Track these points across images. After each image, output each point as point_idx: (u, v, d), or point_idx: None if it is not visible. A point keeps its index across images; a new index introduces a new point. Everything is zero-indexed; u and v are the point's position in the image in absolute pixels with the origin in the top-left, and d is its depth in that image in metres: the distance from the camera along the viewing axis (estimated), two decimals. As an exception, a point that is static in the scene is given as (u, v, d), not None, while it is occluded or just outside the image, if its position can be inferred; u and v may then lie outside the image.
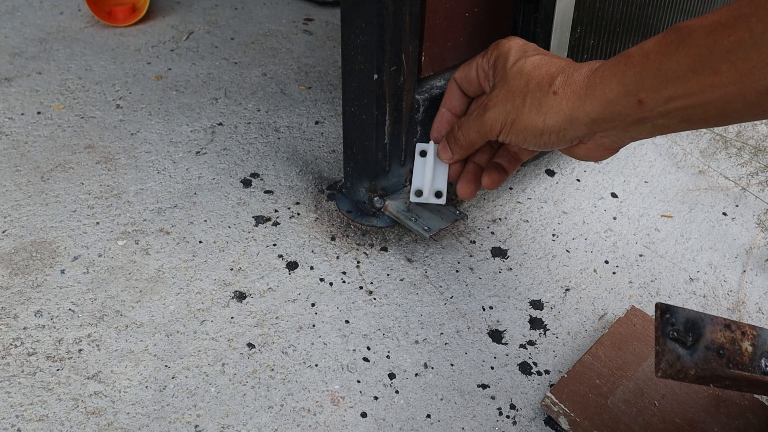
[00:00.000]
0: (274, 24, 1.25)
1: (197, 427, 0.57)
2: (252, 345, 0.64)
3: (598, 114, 0.50)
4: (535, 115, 0.53)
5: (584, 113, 0.50)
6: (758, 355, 0.48)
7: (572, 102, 0.51)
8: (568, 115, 0.51)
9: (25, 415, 0.56)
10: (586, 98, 0.50)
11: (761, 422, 0.57)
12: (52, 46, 1.11)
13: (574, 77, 0.51)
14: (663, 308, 0.47)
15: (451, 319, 0.68)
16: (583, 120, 0.51)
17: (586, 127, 0.51)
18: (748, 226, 0.83)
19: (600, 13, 0.72)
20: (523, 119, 0.54)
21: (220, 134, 0.92)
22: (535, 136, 0.54)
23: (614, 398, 0.58)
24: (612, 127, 0.50)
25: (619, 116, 0.49)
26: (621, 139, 0.51)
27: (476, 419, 0.59)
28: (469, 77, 0.64)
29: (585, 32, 0.72)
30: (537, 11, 0.68)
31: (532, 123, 0.54)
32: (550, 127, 0.53)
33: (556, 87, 0.52)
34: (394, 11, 0.63)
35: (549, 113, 0.52)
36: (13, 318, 0.64)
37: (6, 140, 0.89)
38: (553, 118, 0.52)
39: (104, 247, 0.73)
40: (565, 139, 0.53)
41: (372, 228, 0.78)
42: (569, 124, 0.52)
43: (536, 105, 0.53)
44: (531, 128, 0.54)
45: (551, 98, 0.52)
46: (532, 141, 0.55)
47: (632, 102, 0.47)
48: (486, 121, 0.58)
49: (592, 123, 0.50)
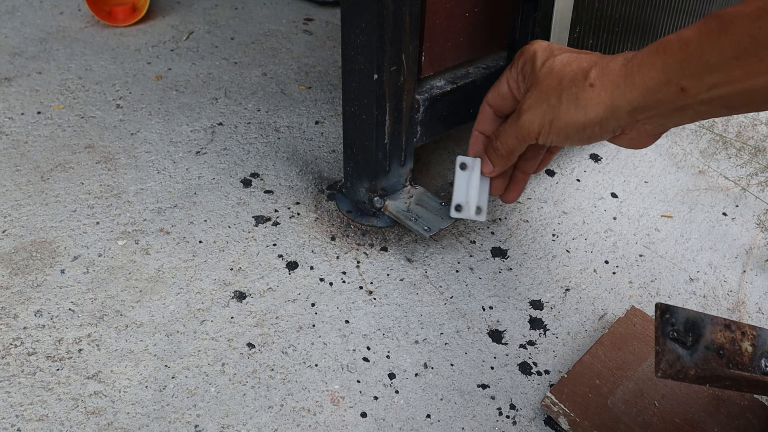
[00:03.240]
0: (274, 24, 1.25)
1: (197, 427, 0.57)
2: (252, 345, 0.64)
3: (639, 102, 0.49)
4: (575, 110, 0.53)
5: (625, 102, 0.50)
6: (758, 355, 0.48)
7: (611, 92, 0.50)
8: (609, 105, 0.51)
9: (25, 414, 0.56)
10: (626, 87, 0.50)
11: (761, 422, 0.57)
12: (52, 46, 1.11)
13: (610, 67, 0.51)
14: (663, 308, 0.47)
15: (451, 319, 0.68)
16: (624, 108, 0.50)
17: (628, 115, 0.50)
18: (748, 226, 0.83)
19: (599, 13, 0.72)
20: (563, 117, 0.54)
21: (220, 134, 0.92)
22: (577, 131, 0.53)
23: (614, 398, 0.58)
24: (654, 114, 0.49)
25: (660, 104, 0.48)
26: (663, 125, 0.51)
27: (476, 419, 0.59)
28: (501, 93, 0.63)
29: (584, 32, 0.72)
30: (536, 10, 0.68)
31: (573, 119, 0.53)
32: (592, 120, 0.52)
33: (592, 79, 0.52)
34: (394, 11, 0.63)
35: (589, 106, 0.52)
36: (13, 318, 0.64)
37: (6, 140, 0.89)
38: (593, 111, 0.52)
39: (104, 247, 0.73)
40: (608, 130, 0.52)
41: (372, 228, 0.78)
42: (611, 114, 0.51)
43: (574, 100, 0.52)
44: (573, 124, 0.53)
45: (589, 91, 0.52)
46: (575, 137, 0.54)
47: (674, 90, 0.47)
48: (522, 125, 0.57)
49: (634, 111, 0.50)
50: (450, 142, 0.93)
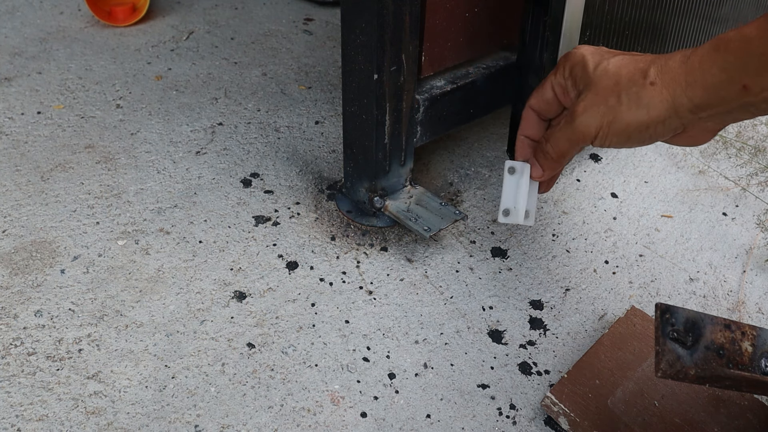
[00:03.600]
0: (274, 24, 1.25)
1: (197, 427, 0.57)
2: (252, 345, 0.64)
3: (701, 100, 0.49)
4: (636, 110, 0.52)
5: (687, 99, 0.49)
6: (758, 355, 0.48)
7: (673, 89, 0.50)
8: (671, 102, 0.50)
9: (25, 414, 0.56)
10: (687, 85, 0.49)
11: (761, 422, 0.57)
12: (52, 46, 1.11)
13: (669, 65, 0.50)
14: (663, 308, 0.47)
15: (451, 319, 0.68)
16: (686, 106, 0.50)
17: (690, 113, 0.50)
18: (748, 226, 0.83)
19: (609, 17, 0.72)
20: (624, 117, 0.52)
21: (220, 134, 0.92)
22: (639, 131, 0.52)
23: (614, 398, 0.58)
24: (716, 112, 0.49)
25: (723, 101, 0.48)
26: (724, 121, 0.51)
27: (476, 419, 0.59)
28: (546, 98, 0.61)
29: (594, 35, 0.72)
30: (546, 14, 0.68)
31: (636, 118, 0.52)
32: (655, 119, 0.51)
33: (652, 78, 0.51)
34: (394, 11, 0.63)
35: (651, 105, 0.51)
36: (13, 318, 0.64)
37: (6, 140, 0.89)
38: (656, 109, 0.51)
39: (104, 247, 0.73)
40: (670, 129, 0.52)
41: (372, 228, 0.78)
42: (674, 112, 0.50)
43: (635, 100, 0.52)
44: (634, 124, 0.52)
45: (650, 89, 0.51)
46: (636, 138, 0.53)
47: (736, 87, 0.46)
48: (578, 127, 0.55)
49: (696, 109, 0.49)
50: (450, 142, 0.93)
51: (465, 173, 0.88)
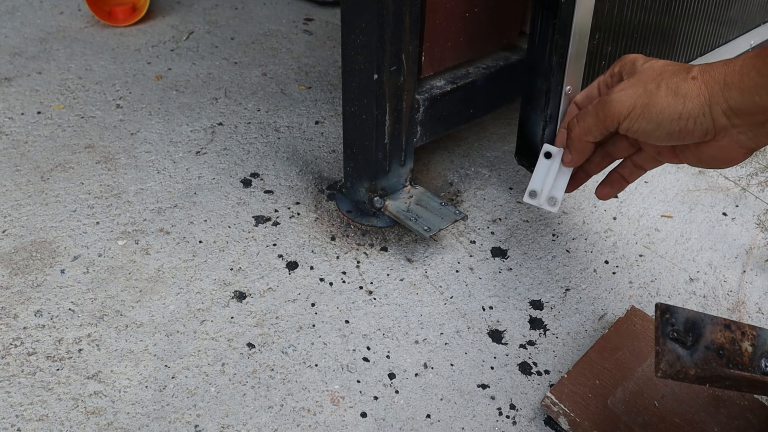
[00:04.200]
0: (274, 24, 1.25)
1: (197, 427, 0.57)
2: (252, 345, 0.64)
3: (737, 102, 0.49)
4: (674, 98, 0.51)
5: (723, 100, 0.49)
6: (758, 355, 0.48)
7: (711, 87, 0.50)
8: (708, 99, 0.50)
9: (25, 414, 0.56)
10: (725, 85, 0.49)
11: (761, 422, 0.57)
12: (52, 46, 1.11)
13: (713, 67, 0.50)
14: (663, 308, 0.47)
15: (451, 319, 0.68)
16: (721, 107, 0.49)
17: (724, 116, 0.50)
18: (748, 226, 0.83)
19: (618, 20, 0.72)
20: (659, 102, 0.52)
21: (220, 134, 0.92)
22: (671, 120, 0.52)
23: (614, 398, 0.58)
24: (750, 121, 0.49)
25: (757, 108, 0.48)
26: (758, 137, 0.50)
27: (476, 419, 0.59)
28: (591, 95, 0.62)
29: (603, 39, 0.72)
30: (555, 17, 0.67)
31: (670, 106, 0.51)
32: (689, 112, 0.51)
33: (694, 74, 0.51)
34: (394, 11, 0.63)
35: (689, 96, 0.51)
36: (13, 318, 0.64)
37: (6, 140, 0.89)
38: (692, 102, 0.50)
39: (104, 247, 0.73)
40: (701, 129, 0.51)
41: (372, 228, 0.78)
42: (708, 110, 0.50)
43: (674, 89, 0.52)
44: (668, 112, 0.51)
45: (690, 83, 0.51)
46: (666, 127, 0.52)
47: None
48: (611, 103, 0.55)
49: (731, 112, 0.49)
50: (450, 142, 0.93)
51: (465, 173, 0.88)
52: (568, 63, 0.69)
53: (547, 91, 0.72)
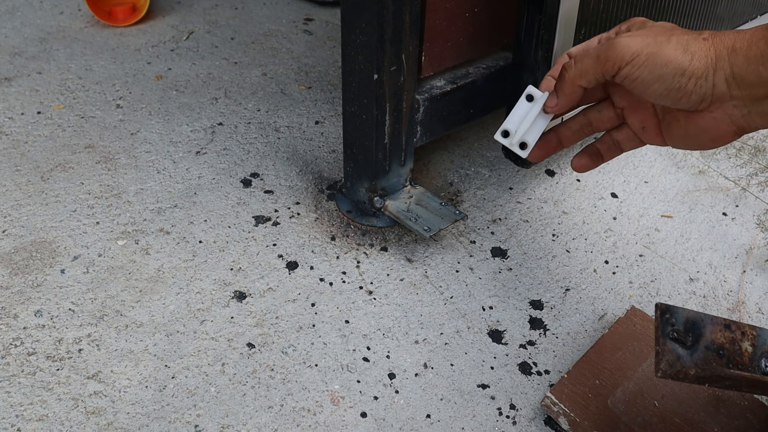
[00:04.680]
0: (274, 24, 1.25)
1: (197, 427, 0.57)
2: (252, 345, 0.64)
3: (741, 70, 0.49)
4: (682, 53, 0.51)
5: (728, 65, 0.49)
6: (758, 355, 0.48)
7: (719, 51, 0.50)
8: (714, 62, 0.50)
9: (25, 414, 0.56)
10: (733, 51, 0.49)
11: (761, 422, 0.57)
12: (52, 46, 1.11)
13: (724, 33, 0.50)
14: (663, 308, 0.47)
15: (451, 319, 0.68)
16: (725, 72, 0.49)
17: (725, 83, 0.50)
18: (748, 226, 0.83)
19: (604, 15, 0.72)
20: (667, 53, 0.51)
21: (220, 134, 0.92)
22: (673, 75, 0.51)
23: (614, 398, 0.58)
24: (749, 94, 0.49)
25: (760, 80, 0.48)
26: (751, 115, 0.50)
27: (476, 419, 0.59)
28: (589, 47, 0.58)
29: (589, 33, 0.72)
30: (541, 12, 0.68)
31: (677, 59, 0.50)
32: (693, 70, 0.50)
33: (705, 36, 0.51)
34: (394, 11, 0.63)
35: (696, 54, 0.50)
36: (13, 318, 0.64)
37: (6, 140, 0.89)
38: (699, 60, 0.50)
39: (104, 247, 0.73)
40: (699, 93, 0.51)
41: (372, 228, 0.78)
42: (712, 74, 0.50)
43: (683, 44, 0.51)
44: (673, 65, 0.51)
45: (700, 42, 0.51)
46: (666, 81, 0.51)
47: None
48: (615, 45, 0.53)
49: (732, 79, 0.49)
50: (450, 142, 0.93)
51: (465, 173, 0.88)
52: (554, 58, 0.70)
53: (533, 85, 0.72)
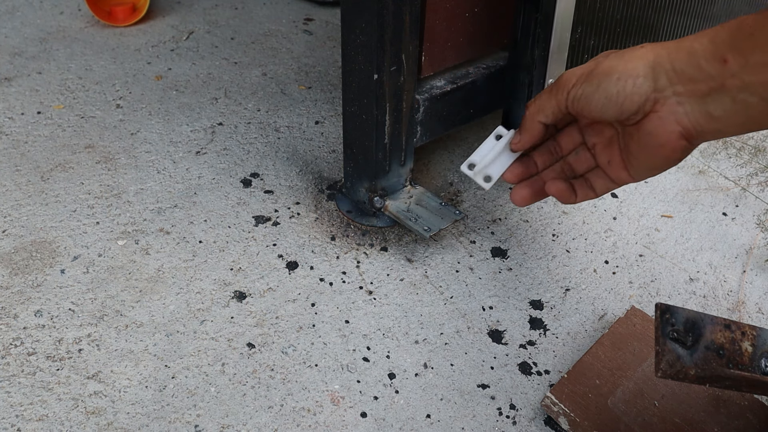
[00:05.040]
0: (274, 24, 1.25)
1: (197, 426, 0.57)
2: (252, 345, 0.64)
3: (681, 64, 0.48)
4: (616, 60, 0.52)
5: (668, 60, 0.49)
6: (758, 355, 0.48)
7: (658, 50, 0.50)
8: (652, 60, 0.50)
9: (25, 414, 0.56)
10: (673, 49, 0.49)
11: (761, 422, 0.57)
12: (52, 46, 1.11)
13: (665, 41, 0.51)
14: (663, 308, 0.47)
15: (451, 319, 0.68)
16: (665, 67, 0.49)
17: (666, 77, 0.49)
18: (748, 226, 0.83)
19: (600, 14, 0.72)
20: (604, 65, 0.52)
21: (220, 134, 0.92)
22: (611, 82, 0.52)
23: (614, 398, 0.58)
24: (691, 90, 0.48)
25: (701, 74, 0.47)
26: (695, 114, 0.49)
27: (476, 419, 0.59)
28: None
29: (585, 33, 0.72)
30: (538, 11, 0.68)
31: (611, 66, 0.51)
32: (630, 70, 0.51)
33: (643, 44, 0.52)
34: (394, 11, 0.63)
35: (633, 59, 0.51)
36: (13, 318, 0.64)
37: (6, 140, 0.89)
38: (635, 62, 0.51)
39: (104, 247, 0.73)
40: (640, 92, 0.51)
41: (372, 228, 0.78)
42: (650, 70, 0.50)
43: (620, 55, 0.52)
44: (609, 71, 0.52)
45: (637, 50, 0.51)
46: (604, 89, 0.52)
47: (716, 58, 0.46)
48: (561, 77, 0.56)
49: (673, 73, 0.49)
50: (450, 142, 0.93)
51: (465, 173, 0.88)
52: (550, 56, 0.70)
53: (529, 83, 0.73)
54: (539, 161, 0.64)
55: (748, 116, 0.47)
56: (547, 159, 0.64)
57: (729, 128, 0.49)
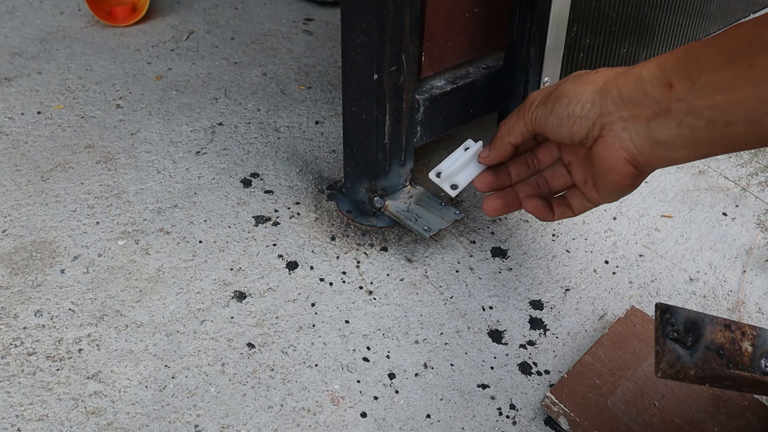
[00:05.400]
0: (274, 24, 1.25)
1: (197, 427, 0.57)
2: (252, 345, 0.64)
3: (628, 89, 0.49)
4: (571, 84, 0.53)
5: (615, 87, 0.50)
6: (758, 355, 0.48)
7: (608, 76, 0.51)
8: (601, 86, 0.51)
9: (25, 414, 0.56)
10: (622, 74, 0.50)
11: (761, 422, 0.57)
12: (52, 46, 1.11)
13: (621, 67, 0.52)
14: (663, 308, 0.47)
15: (451, 319, 0.68)
16: (611, 93, 0.50)
17: (612, 103, 0.50)
18: (748, 226, 0.83)
19: (596, 12, 0.72)
20: (559, 89, 0.54)
21: (220, 134, 0.92)
22: (563, 105, 0.53)
23: (614, 398, 0.58)
24: (636, 114, 0.48)
25: (645, 98, 0.47)
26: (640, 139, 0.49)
27: (476, 419, 0.59)
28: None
29: (581, 31, 0.72)
30: (533, 10, 0.68)
31: (566, 90, 0.53)
32: (580, 95, 0.52)
33: (598, 70, 0.53)
34: (394, 11, 0.63)
35: (585, 84, 0.52)
36: (13, 318, 0.64)
37: (6, 140, 0.89)
38: (585, 87, 0.52)
39: (104, 247, 0.73)
40: (589, 116, 0.52)
41: (372, 228, 0.78)
42: (597, 95, 0.51)
43: (576, 79, 0.54)
44: (563, 95, 0.53)
45: (592, 75, 0.53)
46: (557, 112, 0.54)
47: (663, 83, 0.46)
48: (528, 96, 0.58)
49: (620, 99, 0.49)
50: (450, 142, 0.93)
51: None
52: (546, 55, 0.70)
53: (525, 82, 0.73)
54: (513, 172, 0.66)
55: (693, 140, 0.46)
56: (522, 170, 0.66)
57: (676, 154, 0.49)
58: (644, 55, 0.83)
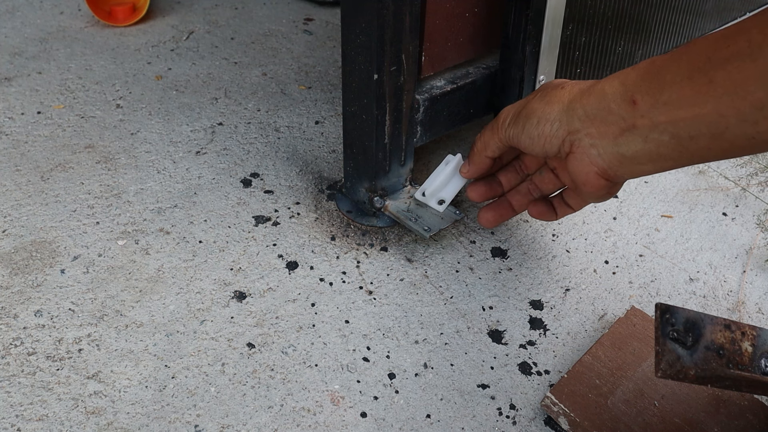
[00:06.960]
0: (274, 24, 1.25)
1: (197, 426, 0.57)
2: (252, 345, 0.64)
3: (592, 107, 0.49)
4: (539, 102, 0.54)
5: (580, 105, 0.51)
6: (758, 356, 0.48)
7: (574, 94, 0.52)
8: (566, 104, 0.52)
9: (25, 414, 0.56)
10: (586, 92, 0.51)
11: (761, 422, 0.57)
12: (52, 46, 1.11)
13: (586, 81, 0.53)
14: (663, 308, 0.47)
15: (451, 319, 0.68)
16: (577, 112, 0.51)
17: (579, 120, 0.51)
18: (748, 226, 0.83)
19: (591, 11, 0.72)
20: (528, 107, 0.56)
21: (220, 134, 0.92)
22: (533, 125, 0.55)
23: (614, 398, 0.58)
24: (602, 131, 0.49)
25: (610, 115, 0.48)
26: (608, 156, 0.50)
27: (476, 419, 0.59)
28: None
29: (576, 29, 0.72)
30: (528, 8, 0.68)
31: (534, 108, 0.55)
32: (548, 114, 0.53)
33: (564, 85, 0.54)
34: (394, 11, 0.63)
35: (551, 102, 0.53)
36: (13, 318, 0.64)
37: (6, 140, 0.89)
38: (552, 106, 0.53)
39: (104, 247, 0.73)
40: (558, 134, 0.53)
41: (372, 228, 0.78)
42: (564, 114, 0.52)
43: (543, 96, 0.55)
44: (531, 114, 0.55)
45: (558, 91, 0.54)
46: (528, 131, 0.56)
47: (626, 100, 0.47)
48: (501, 112, 0.60)
49: (586, 118, 0.50)
50: (450, 141, 0.93)
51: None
52: (541, 53, 0.70)
53: (520, 80, 0.73)
54: (504, 180, 0.69)
55: (660, 154, 0.47)
56: (512, 178, 0.69)
57: (644, 167, 0.50)
58: (640, 53, 0.83)
